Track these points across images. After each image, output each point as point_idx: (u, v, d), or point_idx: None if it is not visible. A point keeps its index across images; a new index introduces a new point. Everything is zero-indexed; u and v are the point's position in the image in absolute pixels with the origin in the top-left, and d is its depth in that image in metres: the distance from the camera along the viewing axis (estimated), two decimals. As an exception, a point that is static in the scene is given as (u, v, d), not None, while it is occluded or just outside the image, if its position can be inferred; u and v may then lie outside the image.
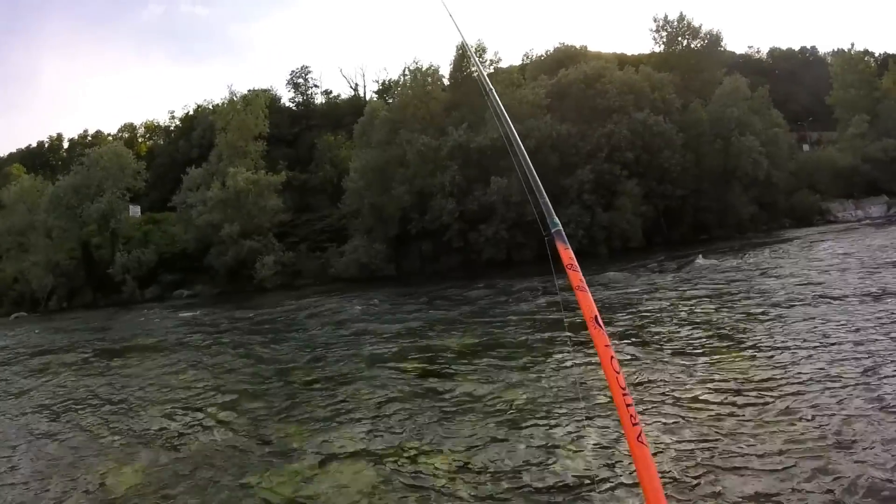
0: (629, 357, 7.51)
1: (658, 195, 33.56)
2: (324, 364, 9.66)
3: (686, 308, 10.96)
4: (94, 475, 5.51)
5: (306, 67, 69.09)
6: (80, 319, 29.24)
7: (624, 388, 2.07)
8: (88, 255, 45.00)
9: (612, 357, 2.12)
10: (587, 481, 4.14)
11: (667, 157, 33.34)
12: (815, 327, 7.96)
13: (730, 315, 9.70)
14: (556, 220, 2.48)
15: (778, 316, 9.09)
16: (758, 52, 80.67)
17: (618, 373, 2.10)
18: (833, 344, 6.98)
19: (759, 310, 9.73)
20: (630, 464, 4.19)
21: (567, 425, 5.33)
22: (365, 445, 5.41)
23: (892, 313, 8.15)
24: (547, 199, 2.57)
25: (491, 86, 3.29)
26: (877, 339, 6.90)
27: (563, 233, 2.45)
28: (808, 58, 76.90)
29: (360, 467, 4.89)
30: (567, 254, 2.36)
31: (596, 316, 2.18)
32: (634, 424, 2.01)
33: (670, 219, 34.67)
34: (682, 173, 33.91)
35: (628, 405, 2.04)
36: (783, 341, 7.44)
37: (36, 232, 45.57)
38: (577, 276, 2.28)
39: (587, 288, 2.24)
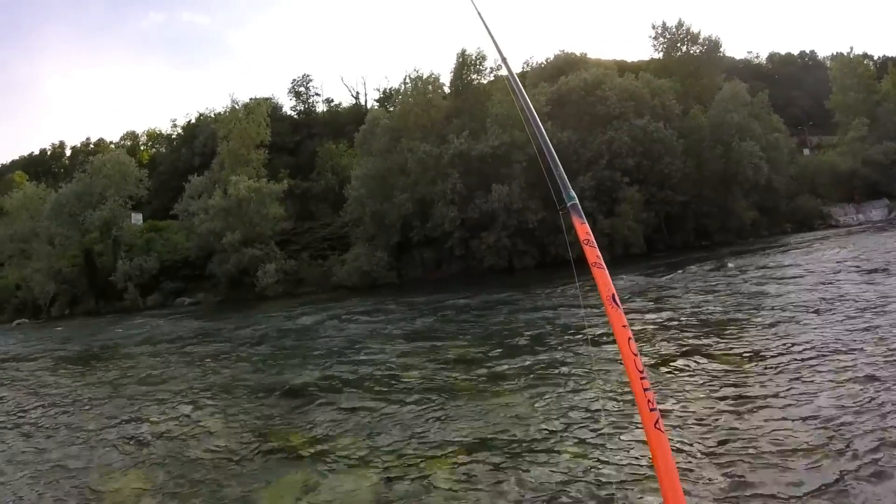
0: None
1: (659, 201, 33.62)
2: (325, 372, 9.66)
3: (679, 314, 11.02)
4: (93, 481, 5.53)
5: (307, 76, 69.41)
6: (82, 326, 29.34)
7: (642, 372, 1.96)
8: (91, 262, 45.12)
9: (629, 338, 2.01)
10: (597, 488, 4.16)
11: (667, 163, 33.43)
12: (811, 332, 8.02)
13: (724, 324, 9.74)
14: (573, 193, 2.36)
15: (773, 323, 9.14)
16: (757, 57, 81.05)
17: (635, 355, 1.99)
18: (835, 349, 7.02)
19: (754, 318, 9.76)
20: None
21: (574, 430, 5.35)
22: (367, 453, 5.42)
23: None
24: (562, 171, 2.45)
25: (504, 55, 3.26)
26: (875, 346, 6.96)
27: (580, 207, 2.34)
28: (807, 62, 77.13)
29: (363, 475, 4.90)
30: (583, 229, 2.25)
31: (613, 294, 2.08)
32: (652, 410, 1.91)
33: (672, 225, 34.73)
34: (682, 179, 34.00)
35: (646, 389, 1.94)
36: (782, 349, 7.46)
37: (38, 239, 45.66)
38: (593, 252, 2.19)
39: (604, 265, 2.15)
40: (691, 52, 42.63)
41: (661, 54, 43.92)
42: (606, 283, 2.10)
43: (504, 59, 3.28)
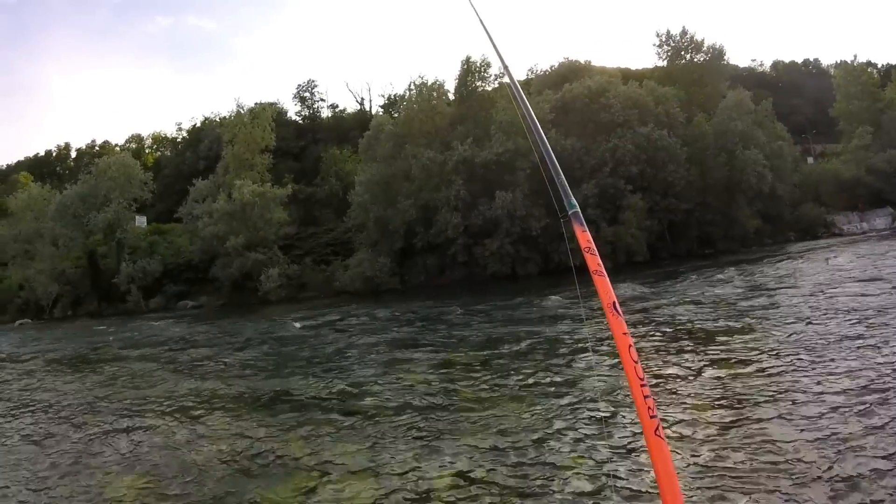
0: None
1: (663, 209, 33.63)
2: (327, 379, 9.67)
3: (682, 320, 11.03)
4: (95, 482, 5.55)
5: (313, 81, 69.64)
6: (85, 328, 29.40)
7: (642, 379, 1.97)
8: (94, 264, 45.25)
9: (630, 346, 2.01)
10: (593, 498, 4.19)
11: (671, 171, 33.43)
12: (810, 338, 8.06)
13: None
14: (574, 201, 2.38)
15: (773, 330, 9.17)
16: (761, 65, 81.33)
17: (636, 362, 1.99)
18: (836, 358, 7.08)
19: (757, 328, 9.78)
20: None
21: (574, 441, 5.36)
22: (367, 460, 5.43)
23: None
24: (564, 179, 2.47)
25: (506, 63, 3.30)
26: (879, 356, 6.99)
27: (581, 215, 2.35)
28: (811, 70, 77.17)
29: (363, 481, 4.91)
30: (585, 237, 2.26)
31: (614, 302, 2.09)
32: (652, 417, 1.91)
33: (675, 233, 34.71)
34: (686, 187, 34.01)
35: (646, 396, 1.94)
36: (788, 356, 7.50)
37: (42, 240, 45.88)
38: (594, 260, 2.18)
39: (605, 272, 2.15)
40: (695, 59, 42.70)
41: (665, 62, 44.04)
42: (607, 290, 2.11)
43: (506, 67, 3.33)
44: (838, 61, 59.61)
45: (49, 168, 76.96)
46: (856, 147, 45.43)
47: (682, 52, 42.86)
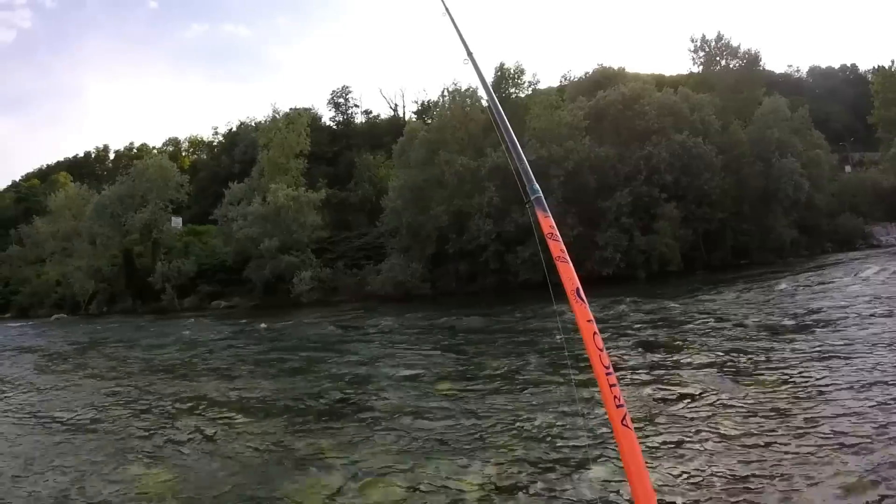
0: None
1: (697, 218, 33.13)
2: (357, 381, 9.80)
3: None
4: (126, 475, 5.73)
5: (347, 87, 69.54)
6: (120, 324, 30.16)
7: (608, 368, 1.95)
8: (130, 262, 46.48)
9: (594, 333, 1.99)
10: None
11: (706, 179, 32.90)
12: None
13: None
14: (536, 186, 2.39)
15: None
16: (797, 70, 79.51)
17: (601, 350, 1.98)
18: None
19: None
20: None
21: (602, 446, 5.40)
22: (395, 462, 5.51)
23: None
24: (527, 164, 2.49)
25: (469, 49, 3.22)
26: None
27: (544, 200, 2.36)
28: (848, 76, 75.43)
29: (390, 484, 4.99)
30: (547, 222, 2.29)
31: (578, 288, 2.09)
32: (619, 406, 1.89)
33: (709, 242, 34.19)
34: (721, 196, 33.52)
35: (612, 385, 1.92)
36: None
37: (80, 238, 47.40)
38: (557, 245, 2.22)
39: (568, 258, 2.17)
40: (730, 66, 42.02)
41: (700, 68, 43.40)
42: (571, 277, 2.12)
43: (470, 54, 3.29)
44: (876, 67, 58.10)
45: (88, 169, 79.21)
46: (894, 155, 44.36)
47: (718, 58, 42.24)
